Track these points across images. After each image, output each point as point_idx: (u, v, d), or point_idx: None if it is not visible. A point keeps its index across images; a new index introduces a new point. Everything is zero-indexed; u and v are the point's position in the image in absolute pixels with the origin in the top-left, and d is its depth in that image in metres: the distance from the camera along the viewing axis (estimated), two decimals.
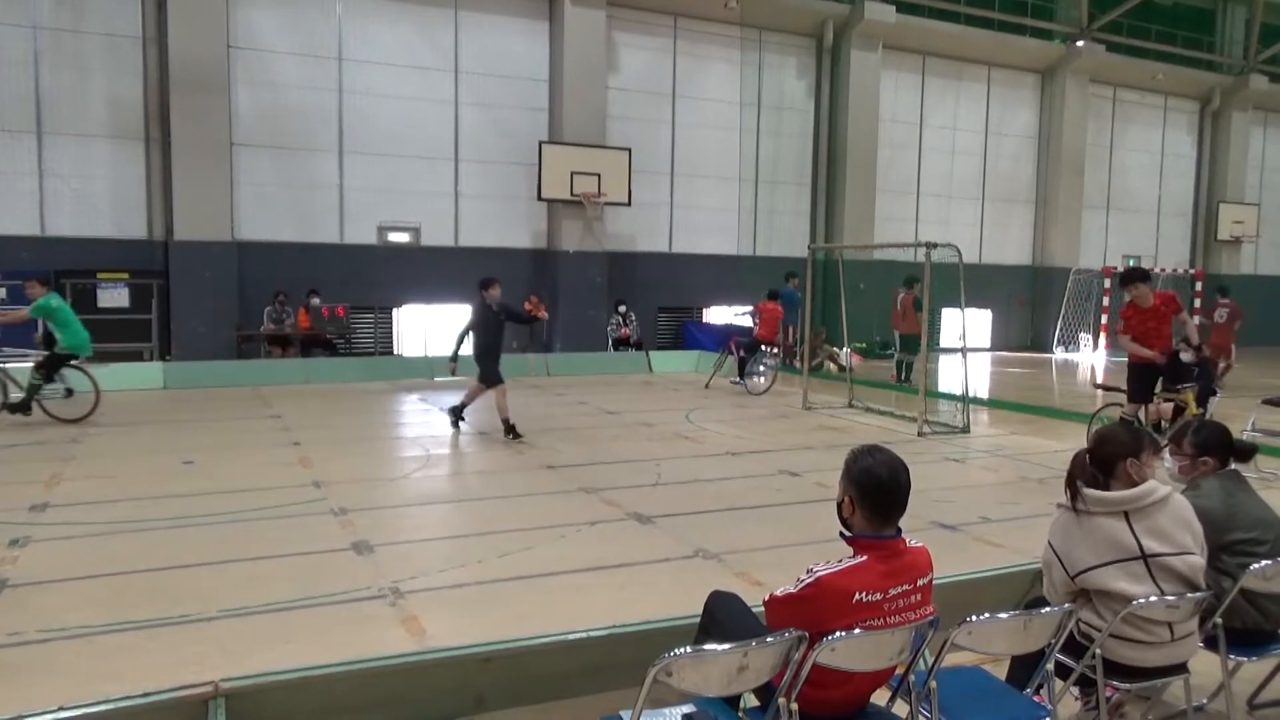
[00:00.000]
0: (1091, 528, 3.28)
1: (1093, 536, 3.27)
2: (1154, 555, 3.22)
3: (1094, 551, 3.25)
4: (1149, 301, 7.98)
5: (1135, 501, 3.27)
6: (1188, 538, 3.30)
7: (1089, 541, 3.27)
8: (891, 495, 2.77)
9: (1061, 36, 24.01)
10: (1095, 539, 3.27)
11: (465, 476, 8.21)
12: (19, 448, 8.95)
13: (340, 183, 17.18)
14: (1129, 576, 3.21)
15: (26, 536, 5.93)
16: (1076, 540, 3.29)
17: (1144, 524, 3.26)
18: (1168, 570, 3.22)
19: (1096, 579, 3.24)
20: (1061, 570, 3.34)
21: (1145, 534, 3.25)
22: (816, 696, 2.73)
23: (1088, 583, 3.27)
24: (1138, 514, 3.27)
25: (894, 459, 2.83)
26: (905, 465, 2.83)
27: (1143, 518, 3.27)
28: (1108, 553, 3.24)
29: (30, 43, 15.03)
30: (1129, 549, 3.23)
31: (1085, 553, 3.27)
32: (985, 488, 7.86)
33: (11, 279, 15.10)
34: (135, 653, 4.17)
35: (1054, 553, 3.37)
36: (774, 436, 10.32)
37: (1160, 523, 3.27)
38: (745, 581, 5.18)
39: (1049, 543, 3.40)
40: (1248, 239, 27.37)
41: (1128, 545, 3.24)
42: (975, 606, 3.12)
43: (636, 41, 19.34)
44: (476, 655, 3.78)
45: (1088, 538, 3.28)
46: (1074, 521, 3.32)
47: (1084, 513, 3.30)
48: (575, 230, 18.46)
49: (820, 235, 21.43)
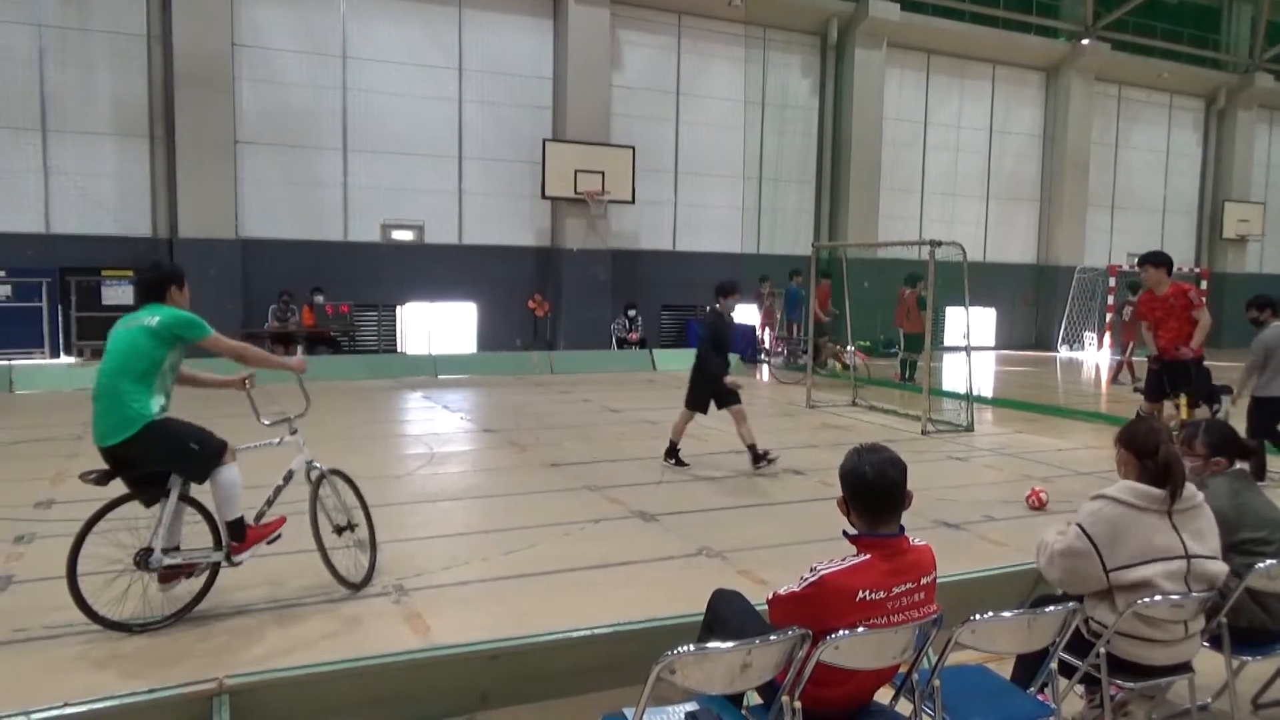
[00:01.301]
0: (1144, 523, 3.24)
1: (1144, 532, 3.22)
2: (1195, 556, 3.23)
3: (1141, 548, 3.21)
4: (1163, 289, 7.71)
5: (1187, 501, 3.28)
6: (1217, 542, 3.32)
7: (1137, 537, 3.22)
8: (877, 495, 2.77)
9: (1066, 35, 23.96)
10: (1145, 535, 3.22)
11: (469, 474, 8.22)
12: (24, 444, 8.98)
13: (344, 180, 17.20)
14: (1168, 576, 3.19)
15: (32, 533, 5.95)
16: (1121, 533, 3.23)
17: (1188, 526, 3.27)
18: (1202, 573, 3.23)
19: (1137, 575, 3.19)
20: (1097, 562, 3.23)
21: (1188, 536, 3.25)
22: (820, 695, 2.73)
23: (1124, 578, 3.21)
24: (1181, 514, 3.27)
25: (884, 459, 2.80)
26: (899, 464, 2.81)
27: (1187, 520, 3.28)
28: (1153, 550, 3.21)
29: (35, 40, 15.06)
30: (1174, 549, 3.22)
31: (1131, 547, 3.21)
32: (989, 486, 7.85)
33: (16, 277, 15.15)
34: (140, 650, 4.18)
35: (1091, 543, 3.25)
36: (778, 435, 10.31)
37: (1200, 524, 3.30)
38: (749, 580, 5.18)
39: (1083, 532, 3.27)
40: (1253, 238, 27.30)
41: (1174, 545, 3.22)
42: (979, 605, 3.12)
43: (640, 39, 19.34)
44: (482, 653, 3.79)
45: (1135, 532, 3.22)
46: (1121, 514, 3.25)
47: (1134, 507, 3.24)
48: (579, 228, 18.47)
49: (824, 233, 21.42)
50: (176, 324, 4.47)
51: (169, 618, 4.44)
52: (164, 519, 4.43)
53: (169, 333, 4.46)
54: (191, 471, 4.54)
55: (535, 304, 18.53)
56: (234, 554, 4.66)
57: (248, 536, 4.70)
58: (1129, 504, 3.25)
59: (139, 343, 4.43)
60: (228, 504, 4.61)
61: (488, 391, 13.98)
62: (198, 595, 4.60)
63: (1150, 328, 7.88)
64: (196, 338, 4.51)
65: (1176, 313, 7.66)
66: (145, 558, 4.39)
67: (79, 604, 4.22)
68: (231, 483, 4.61)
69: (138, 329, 4.46)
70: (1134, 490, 3.26)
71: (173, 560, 4.50)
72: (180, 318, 4.50)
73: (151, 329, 4.44)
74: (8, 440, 9.20)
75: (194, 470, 4.53)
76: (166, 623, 4.42)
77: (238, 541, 4.66)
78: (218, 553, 4.63)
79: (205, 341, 4.55)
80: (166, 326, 4.45)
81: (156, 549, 4.39)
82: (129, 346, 4.43)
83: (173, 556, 4.49)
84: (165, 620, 4.42)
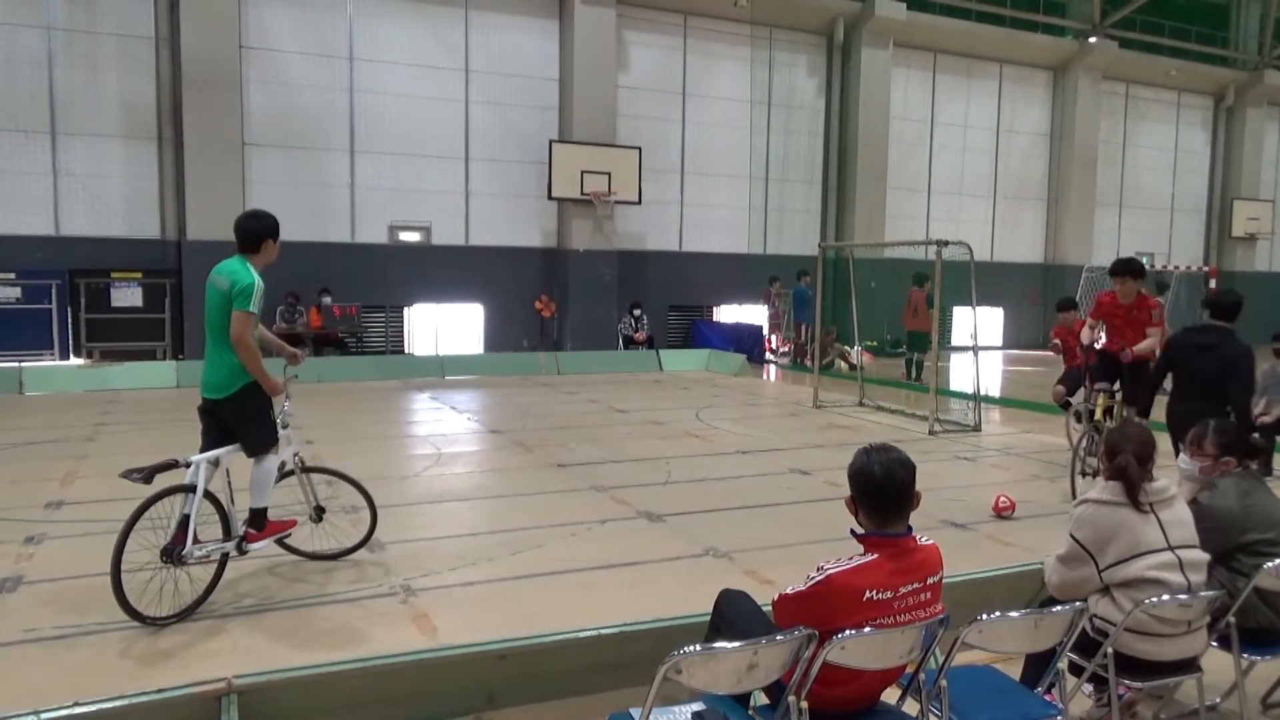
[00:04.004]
0: (1128, 519, 3.31)
1: (1130, 528, 3.30)
2: (1179, 547, 3.30)
3: (1129, 542, 3.29)
4: (1130, 298, 7.53)
5: (1162, 493, 3.37)
6: (1194, 531, 3.41)
7: (1123, 534, 3.30)
8: (885, 495, 2.77)
9: (1073, 33, 23.88)
10: (1131, 531, 3.30)
11: (476, 475, 8.23)
12: (34, 445, 9.02)
13: (351, 182, 17.24)
14: (1161, 567, 3.25)
15: (42, 534, 5.98)
16: (1107, 533, 3.31)
17: (1168, 518, 3.34)
18: (1192, 561, 3.31)
19: (1129, 571, 3.26)
20: (1090, 565, 3.33)
21: (1170, 526, 3.33)
22: (826, 694, 2.73)
23: (1118, 576, 3.28)
24: (1161, 505, 3.36)
25: (893, 459, 2.80)
26: (908, 464, 2.81)
27: (1167, 513, 3.35)
28: (1141, 544, 3.28)
29: (44, 43, 15.13)
30: (1158, 542, 3.29)
31: (1120, 545, 3.29)
32: (997, 486, 7.83)
33: (26, 279, 15.23)
34: (149, 649, 4.20)
35: (1081, 547, 3.36)
36: (784, 435, 10.31)
37: (1178, 514, 3.39)
38: (755, 580, 5.18)
39: (1073, 539, 3.39)
40: (1262, 235, 27.18)
41: (1158, 539, 3.30)
42: (986, 605, 3.12)
43: (646, 40, 19.34)
44: (489, 653, 3.80)
45: (1121, 530, 3.30)
46: (1104, 514, 3.34)
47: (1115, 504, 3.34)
48: (585, 229, 18.48)
49: (831, 233, 21.38)
50: (234, 289, 4.66)
51: (185, 610, 4.52)
52: (192, 513, 4.54)
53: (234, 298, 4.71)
54: (254, 443, 4.84)
55: (542, 305, 18.55)
56: (249, 541, 4.84)
57: (266, 527, 4.92)
58: (1109, 502, 3.35)
59: (217, 306, 4.72)
60: (261, 489, 4.88)
61: (494, 392, 14.00)
62: (208, 587, 4.71)
63: (1100, 326, 7.74)
64: (235, 307, 4.66)
65: (1134, 324, 7.51)
66: (174, 552, 4.47)
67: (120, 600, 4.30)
68: (272, 470, 4.91)
69: (214, 291, 4.76)
70: (1111, 489, 3.37)
71: (200, 553, 4.61)
72: (238, 285, 4.67)
73: (223, 293, 4.70)
74: (18, 441, 9.24)
75: (256, 443, 4.84)
76: (181, 616, 4.49)
77: (257, 529, 4.87)
78: (228, 543, 4.78)
79: (234, 315, 4.67)
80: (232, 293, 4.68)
81: (187, 544, 4.49)
82: (214, 308, 4.73)
83: (200, 548, 4.61)
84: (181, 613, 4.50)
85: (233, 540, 4.78)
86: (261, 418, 4.86)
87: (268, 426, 4.90)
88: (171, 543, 4.47)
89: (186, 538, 4.48)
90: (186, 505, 4.53)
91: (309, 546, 5.41)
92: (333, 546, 5.45)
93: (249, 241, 4.85)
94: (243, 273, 4.71)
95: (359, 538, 5.55)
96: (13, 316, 15.09)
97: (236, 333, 4.63)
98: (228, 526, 4.80)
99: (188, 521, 4.51)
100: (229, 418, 4.80)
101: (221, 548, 4.75)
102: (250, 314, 4.66)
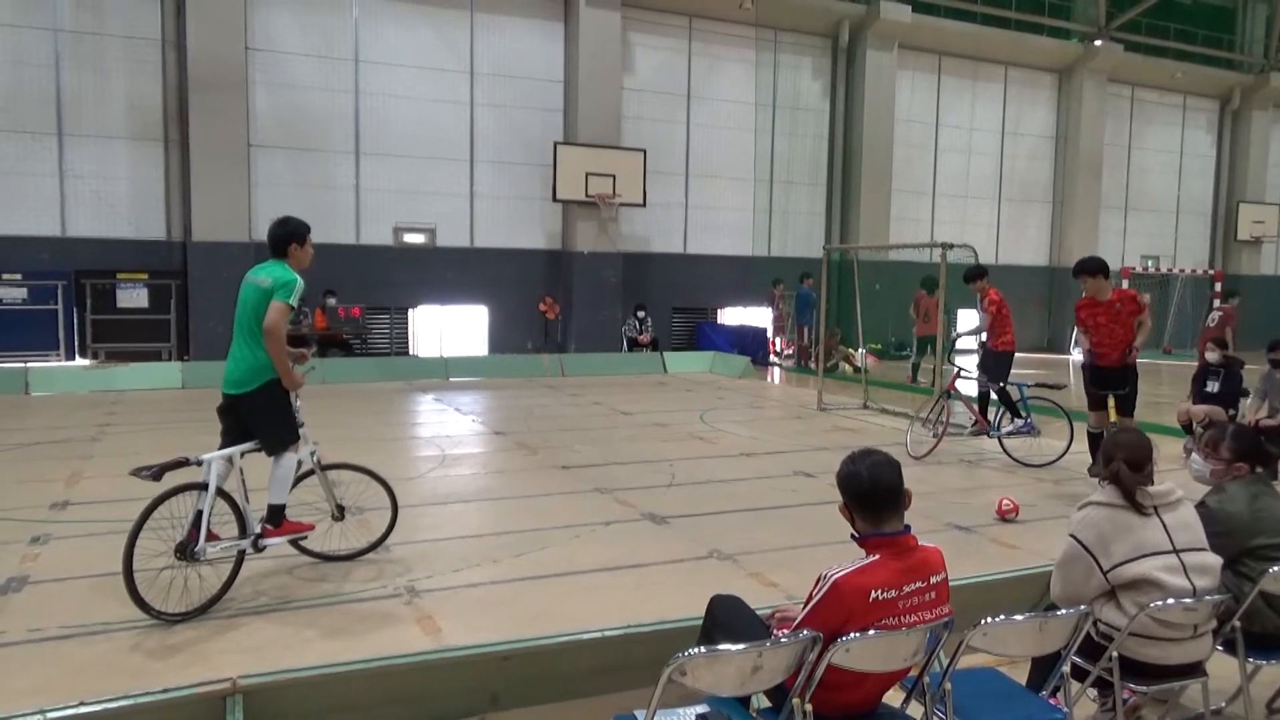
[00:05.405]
0: (1132, 521, 3.32)
1: (1134, 529, 3.31)
2: (1185, 550, 3.30)
3: (1134, 543, 3.29)
4: (1106, 295, 7.56)
5: (1165, 496, 3.37)
6: (1202, 533, 3.40)
7: (1126, 535, 3.30)
8: (877, 497, 2.81)
9: (1079, 36, 23.85)
10: (1135, 532, 3.30)
11: (480, 476, 8.24)
12: (40, 446, 9.04)
13: (356, 184, 17.28)
14: (1166, 570, 3.25)
15: (47, 534, 6.00)
16: (1111, 535, 3.31)
17: (1174, 521, 3.34)
18: (1198, 565, 3.29)
19: (1133, 571, 3.25)
20: (1094, 567, 3.32)
21: (1175, 529, 3.33)
22: (830, 698, 2.73)
23: (1123, 576, 3.27)
24: (1166, 509, 3.36)
25: (878, 462, 2.85)
26: (894, 464, 2.86)
27: (1173, 517, 3.35)
28: (1145, 545, 3.29)
29: (51, 45, 15.19)
30: (1163, 544, 3.30)
31: (1124, 545, 3.29)
32: (1000, 489, 7.81)
33: (32, 279, 15.28)
34: (154, 649, 4.21)
35: (1084, 549, 3.35)
36: (788, 437, 10.31)
37: (1185, 517, 3.38)
38: (759, 582, 5.18)
39: (1076, 541, 3.39)
40: (1268, 239, 27.09)
41: (1162, 540, 3.30)
42: (991, 608, 3.12)
43: (651, 42, 19.35)
44: (494, 654, 3.81)
45: (1124, 532, 3.30)
46: (1107, 517, 3.34)
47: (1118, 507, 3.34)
48: (590, 231, 18.49)
49: (835, 236, 21.38)
50: (275, 284, 4.80)
51: (199, 607, 4.55)
52: (206, 510, 4.57)
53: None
54: (274, 440, 4.89)
55: (546, 306, 18.57)
56: (265, 536, 4.88)
57: (283, 525, 4.97)
58: (1112, 504, 3.36)
59: (255, 302, 4.83)
60: (280, 486, 4.94)
61: (499, 394, 14.01)
62: (225, 584, 4.75)
63: (1089, 333, 7.74)
64: (275, 297, 4.77)
65: (1123, 319, 7.49)
66: (189, 549, 4.51)
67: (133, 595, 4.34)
68: (291, 467, 4.97)
69: (253, 288, 4.88)
70: (1112, 491, 3.39)
71: (215, 550, 4.66)
72: (279, 280, 4.82)
73: (264, 290, 4.81)
74: (24, 442, 9.27)
75: (276, 439, 4.89)
76: (194, 614, 4.52)
77: (274, 525, 4.92)
78: (245, 540, 4.81)
79: (273, 303, 4.77)
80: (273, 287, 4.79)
81: (200, 541, 4.52)
82: (250, 305, 4.85)
83: (214, 544, 4.64)
84: (195, 610, 4.53)
85: (249, 538, 4.82)
86: (282, 414, 4.92)
87: (288, 423, 4.95)
88: (186, 539, 4.51)
89: (200, 534, 4.52)
90: (200, 502, 4.57)
91: (320, 547, 5.43)
92: (344, 548, 5.47)
93: (276, 247, 5.02)
94: (286, 272, 4.89)
95: (369, 539, 5.57)
96: (19, 317, 15.14)
97: (272, 320, 4.73)
98: (243, 525, 4.84)
99: (201, 518, 4.54)
100: (249, 414, 4.85)
101: (238, 545, 4.79)
102: (290, 306, 4.80)
